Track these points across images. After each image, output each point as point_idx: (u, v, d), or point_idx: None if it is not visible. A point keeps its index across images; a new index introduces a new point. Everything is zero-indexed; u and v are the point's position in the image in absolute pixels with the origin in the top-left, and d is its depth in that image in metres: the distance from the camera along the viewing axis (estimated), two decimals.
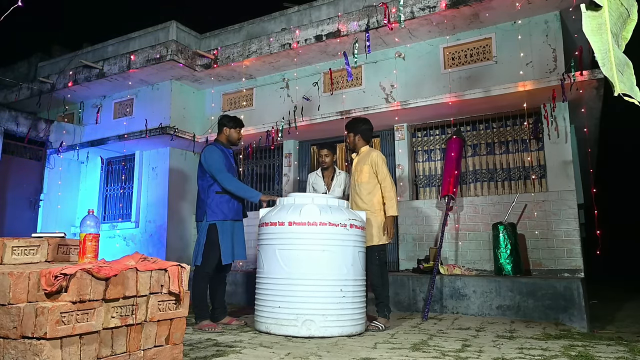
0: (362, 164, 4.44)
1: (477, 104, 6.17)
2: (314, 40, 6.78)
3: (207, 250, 4.25)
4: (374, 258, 4.31)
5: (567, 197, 5.72)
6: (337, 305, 3.74)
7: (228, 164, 4.46)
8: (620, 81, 1.56)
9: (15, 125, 8.31)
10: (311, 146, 7.95)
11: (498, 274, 5.36)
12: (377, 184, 4.40)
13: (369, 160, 4.41)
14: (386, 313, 4.26)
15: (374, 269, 4.30)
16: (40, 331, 1.94)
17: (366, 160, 4.43)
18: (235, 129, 4.65)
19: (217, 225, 4.28)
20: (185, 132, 7.96)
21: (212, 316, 4.37)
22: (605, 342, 3.71)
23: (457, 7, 5.83)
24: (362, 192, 4.41)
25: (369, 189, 4.40)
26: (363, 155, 4.50)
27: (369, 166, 4.39)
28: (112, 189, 9.13)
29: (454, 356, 3.06)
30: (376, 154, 4.44)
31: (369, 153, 4.49)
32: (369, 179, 4.39)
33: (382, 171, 4.36)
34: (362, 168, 4.42)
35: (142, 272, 2.36)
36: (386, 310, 4.27)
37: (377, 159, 4.39)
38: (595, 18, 1.60)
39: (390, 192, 4.34)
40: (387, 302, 4.30)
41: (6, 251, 2.45)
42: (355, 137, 4.56)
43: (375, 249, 4.34)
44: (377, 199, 4.39)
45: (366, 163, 4.41)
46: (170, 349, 2.48)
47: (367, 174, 4.38)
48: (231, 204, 4.38)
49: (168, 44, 7.53)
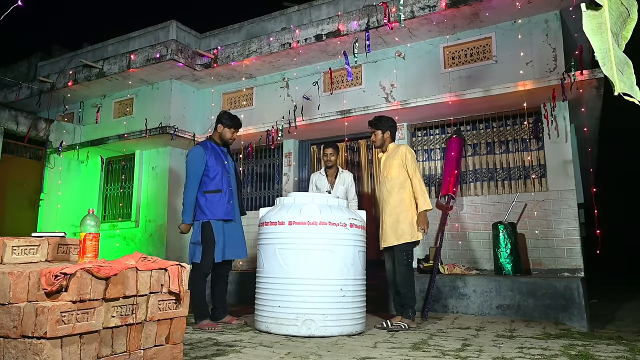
0: (392, 159, 4.40)
1: (477, 104, 6.17)
2: (314, 39, 6.78)
3: (202, 250, 4.23)
4: (402, 258, 4.23)
5: (567, 196, 5.72)
6: (337, 304, 3.74)
7: (218, 162, 4.38)
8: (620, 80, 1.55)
9: (15, 125, 8.31)
10: (311, 146, 7.95)
11: (498, 274, 5.36)
12: (407, 179, 4.34)
13: (398, 155, 4.38)
14: (411, 314, 4.19)
15: (402, 269, 4.22)
16: (40, 330, 1.94)
17: (395, 155, 4.41)
18: (230, 128, 4.54)
19: (207, 225, 4.25)
20: (185, 132, 7.95)
21: (213, 315, 4.36)
22: (605, 341, 3.72)
23: (457, 7, 5.83)
24: (394, 188, 4.35)
25: (400, 184, 4.34)
26: (391, 152, 4.47)
27: (399, 160, 4.36)
28: (112, 188, 9.13)
29: (454, 355, 3.06)
30: (405, 148, 4.42)
31: (397, 148, 4.47)
32: (398, 174, 4.34)
33: (412, 165, 4.32)
34: (391, 163, 4.39)
35: (142, 272, 2.36)
36: (411, 312, 4.20)
37: (407, 153, 4.36)
38: (595, 17, 1.60)
39: (422, 187, 4.29)
40: (413, 304, 4.23)
41: (6, 251, 2.45)
42: (384, 134, 4.53)
43: (404, 248, 4.24)
44: (408, 194, 4.32)
45: (395, 158, 4.38)
46: (171, 348, 2.48)
47: (396, 169, 4.34)
48: (220, 204, 4.31)
49: (168, 44, 7.53)
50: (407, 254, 4.27)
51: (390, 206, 4.33)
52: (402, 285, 4.22)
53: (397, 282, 4.26)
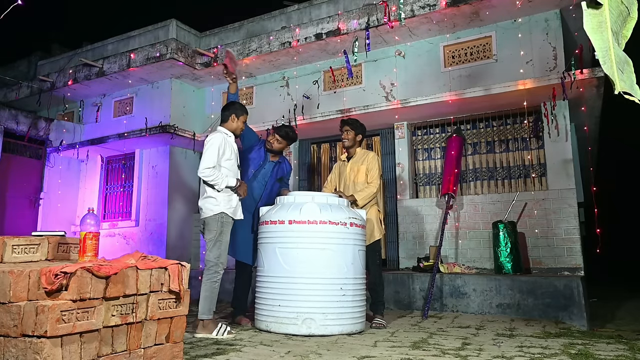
0: (359, 164, 4.49)
1: (477, 103, 6.17)
2: (314, 38, 6.78)
3: None
4: (375, 257, 4.36)
5: (567, 195, 5.72)
6: (337, 303, 3.74)
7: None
8: (620, 79, 1.56)
9: (15, 124, 8.31)
10: (311, 145, 7.95)
11: (498, 273, 5.36)
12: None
13: (367, 161, 4.48)
14: (382, 311, 4.35)
15: (375, 269, 4.36)
16: (40, 329, 1.94)
17: (363, 160, 4.50)
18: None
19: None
20: (185, 131, 7.95)
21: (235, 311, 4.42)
22: (605, 340, 3.72)
23: (457, 5, 5.83)
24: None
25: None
26: (359, 156, 4.55)
27: (365, 166, 4.47)
28: (112, 187, 9.13)
29: (454, 354, 3.06)
30: (373, 156, 4.53)
31: (365, 154, 4.55)
32: (365, 179, 4.45)
33: (374, 174, 4.44)
34: (359, 168, 4.48)
35: (142, 271, 2.36)
36: (382, 309, 4.37)
37: (374, 161, 4.47)
38: (595, 16, 1.60)
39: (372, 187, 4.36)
40: (383, 301, 4.40)
41: (6, 250, 2.45)
42: (357, 136, 4.58)
43: (376, 247, 4.39)
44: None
45: (363, 163, 4.48)
46: (171, 347, 2.49)
47: (364, 174, 4.45)
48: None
49: (168, 43, 7.52)
50: (379, 252, 4.45)
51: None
52: (377, 283, 4.35)
53: (370, 281, 4.34)
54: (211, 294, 3.67)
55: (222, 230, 3.75)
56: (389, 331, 4.00)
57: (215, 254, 3.70)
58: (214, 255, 3.70)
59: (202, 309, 3.64)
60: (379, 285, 4.36)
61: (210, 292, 3.67)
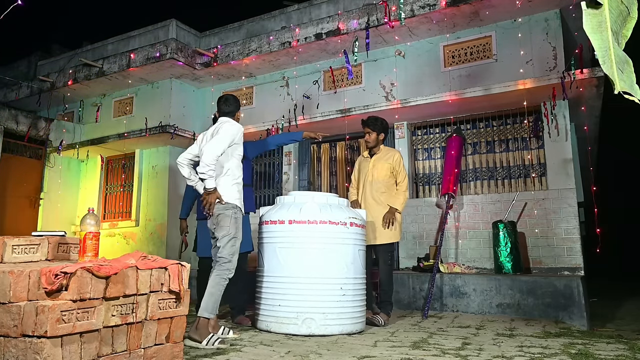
0: (383, 162, 4.49)
1: (477, 102, 6.17)
2: (314, 38, 6.78)
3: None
4: (387, 257, 4.36)
5: (567, 195, 5.72)
6: (337, 303, 3.74)
7: None
8: (620, 79, 1.56)
9: (15, 124, 8.31)
10: (311, 145, 7.94)
11: (498, 272, 5.37)
12: (394, 184, 4.49)
13: (392, 159, 4.48)
14: (389, 311, 4.34)
15: (387, 268, 4.35)
16: (40, 330, 1.94)
17: (387, 158, 4.50)
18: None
19: None
20: (185, 131, 7.95)
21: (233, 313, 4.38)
22: (605, 339, 3.72)
23: (457, 5, 5.83)
24: (380, 189, 4.46)
25: (387, 187, 4.46)
26: (383, 154, 4.55)
27: (390, 165, 4.46)
28: (112, 187, 9.13)
29: (454, 354, 3.06)
30: (399, 155, 4.54)
31: (388, 152, 4.57)
32: (388, 177, 4.46)
33: (403, 173, 4.48)
34: (382, 165, 4.48)
35: (142, 271, 2.36)
36: (390, 309, 4.34)
37: (400, 163, 4.49)
38: (595, 16, 1.60)
39: (406, 193, 4.46)
40: (391, 301, 4.38)
41: (6, 250, 2.45)
42: (379, 136, 4.59)
43: (388, 248, 4.38)
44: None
45: (387, 161, 4.48)
46: (171, 347, 2.49)
47: (386, 172, 4.46)
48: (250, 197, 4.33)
49: (168, 43, 7.52)
50: (392, 253, 4.45)
51: (378, 207, 4.40)
52: (385, 283, 4.34)
53: (380, 280, 4.38)
54: (217, 291, 3.44)
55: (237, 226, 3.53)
56: (389, 331, 4.00)
57: (230, 251, 3.48)
58: (227, 252, 3.47)
59: (205, 306, 3.38)
60: (389, 284, 4.33)
61: (216, 288, 3.44)
